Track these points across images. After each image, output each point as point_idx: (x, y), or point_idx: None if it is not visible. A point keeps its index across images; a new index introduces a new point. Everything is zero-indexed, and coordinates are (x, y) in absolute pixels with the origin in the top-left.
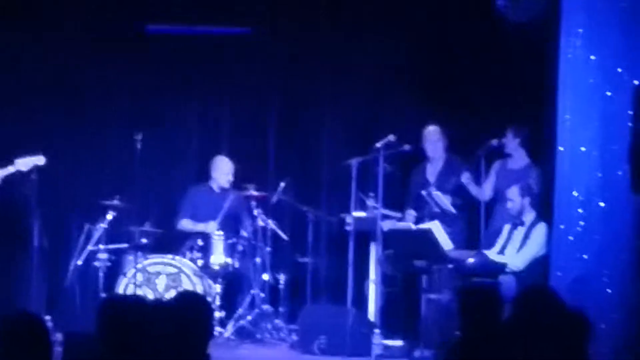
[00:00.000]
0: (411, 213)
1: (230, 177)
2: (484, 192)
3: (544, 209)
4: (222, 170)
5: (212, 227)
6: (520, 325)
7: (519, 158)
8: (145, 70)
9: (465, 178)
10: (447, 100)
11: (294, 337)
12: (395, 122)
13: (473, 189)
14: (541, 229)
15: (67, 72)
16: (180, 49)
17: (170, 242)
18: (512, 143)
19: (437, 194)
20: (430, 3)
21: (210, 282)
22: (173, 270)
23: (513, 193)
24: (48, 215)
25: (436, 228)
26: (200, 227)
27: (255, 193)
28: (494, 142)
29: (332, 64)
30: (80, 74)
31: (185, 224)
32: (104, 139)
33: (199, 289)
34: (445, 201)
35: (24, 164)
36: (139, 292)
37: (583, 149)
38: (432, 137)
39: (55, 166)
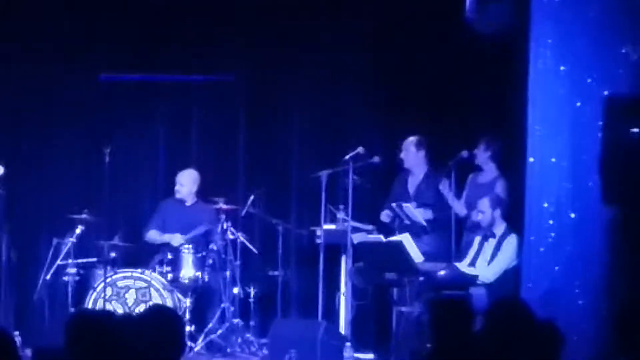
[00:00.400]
0: (388, 214)
1: (184, 190)
2: (461, 207)
3: (515, 220)
4: (180, 181)
5: (177, 240)
6: (492, 337)
7: (488, 171)
8: (114, 82)
9: (443, 185)
10: (416, 111)
11: (265, 351)
12: (364, 134)
13: (450, 197)
14: (512, 240)
15: (36, 87)
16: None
17: (140, 256)
18: (482, 155)
19: (407, 207)
20: (399, 14)
21: (180, 296)
22: (142, 284)
23: (484, 205)
24: (16, 230)
25: (407, 240)
26: (165, 237)
27: (224, 206)
28: (465, 153)
29: (301, 76)
30: (48, 88)
31: (152, 234)
32: (72, 152)
33: (169, 303)
34: (416, 214)
35: None
36: (108, 306)
37: (553, 159)
38: (407, 147)
39: (23, 180)
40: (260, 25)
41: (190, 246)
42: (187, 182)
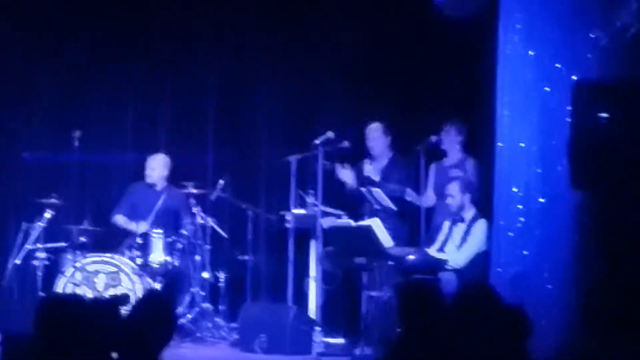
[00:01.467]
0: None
1: (155, 174)
2: (428, 198)
3: (484, 205)
4: (150, 166)
5: (142, 228)
6: (460, 322)
7: (453, 155)
8: (84, 67)
9: (409, 195)
10: (385, 96)
11: (235, 336)
12: (333, 118)
13: (418, 201)
14: (481, 225)
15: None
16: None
17: (109, 240)
18: (453, 140)
19: (377, 191)
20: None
21: (150, 280)
22: (112, 269)
23: (453, 189)
24: None
25: (376, 225)
26: (131, 226)
27: (194, 191)
28: (433, 138)
29: (270, 60)
30: (17, 69)
31: (118, 219)
32: (40, 136)
33: (139, 288)
34: (385, 198)
35: None
36: (78, 290)
37: (522, 144)
38: (374, 134)
39: None
40: (231, 10)
41: (160, 230)
42: (158, 167)
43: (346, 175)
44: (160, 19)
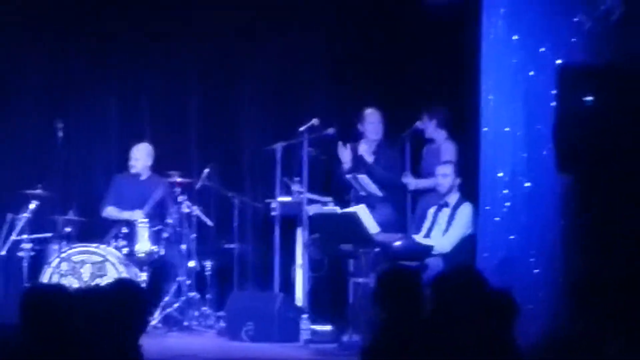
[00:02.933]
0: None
1: (139, 164)
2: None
3: (469, 190)
4: (134, 155)
5: (137, 215)
6: (445, 307)
7: (438, 139)
8: (66, 58)
9: (406, 177)
10: (370, 83)
11: (222, 324)
12: (318, 106)
13: (417, 183)
14: (465, 209)
15: None
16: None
17: (95, 230)
18: (429, 126)
19: (362, 177)
20: None
21: (136, 270)
22: (98, 258)
23: (447, 169)
24: None
25: (362, 211)
26: (125, 214)
27: (179, 179)
28: (418, 124)
29: (253, 48)
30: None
31: (110, 211)
32: (24, 128)
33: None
34: (371, 184)
35: None
36: (64, 281)
37: (507, 129)
38: (373, 119)
39: None
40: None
41: (146, 220)
42: (141, 156)
43: (345, 155)
44: (142, 7)
